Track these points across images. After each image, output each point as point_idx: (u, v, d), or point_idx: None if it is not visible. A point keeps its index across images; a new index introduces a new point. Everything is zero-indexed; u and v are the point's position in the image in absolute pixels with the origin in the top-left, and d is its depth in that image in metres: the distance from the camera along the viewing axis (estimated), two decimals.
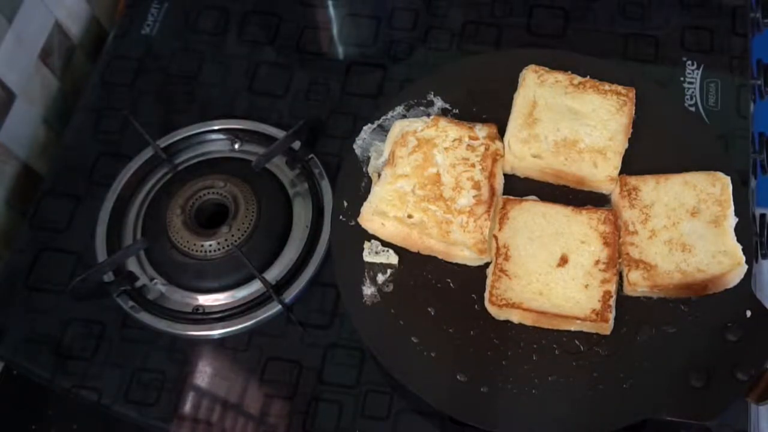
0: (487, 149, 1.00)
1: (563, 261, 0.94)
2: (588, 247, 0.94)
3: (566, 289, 0.92)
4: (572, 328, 0.91)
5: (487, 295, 0.93)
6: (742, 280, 0.91)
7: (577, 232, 0.95)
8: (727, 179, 0.96)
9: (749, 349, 0.87)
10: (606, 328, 0.90)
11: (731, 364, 0.86)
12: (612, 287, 0.92)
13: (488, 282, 0.94)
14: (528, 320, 0.92)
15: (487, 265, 0.96)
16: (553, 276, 0.93)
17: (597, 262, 0.93)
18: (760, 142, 1.11)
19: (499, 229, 0.96)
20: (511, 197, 0.99)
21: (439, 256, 0.96)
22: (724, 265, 0.91)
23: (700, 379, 0.86)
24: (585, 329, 0.91)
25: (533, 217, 0.97)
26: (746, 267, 0.91)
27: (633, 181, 0.98)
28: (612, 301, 0.91)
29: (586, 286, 0.92)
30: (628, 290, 0.93)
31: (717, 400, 0.85)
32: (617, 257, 0.94)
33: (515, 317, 0.92)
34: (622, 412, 0.86)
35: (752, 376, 0.85)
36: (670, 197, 0.96)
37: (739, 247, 0.92)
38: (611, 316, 0.90)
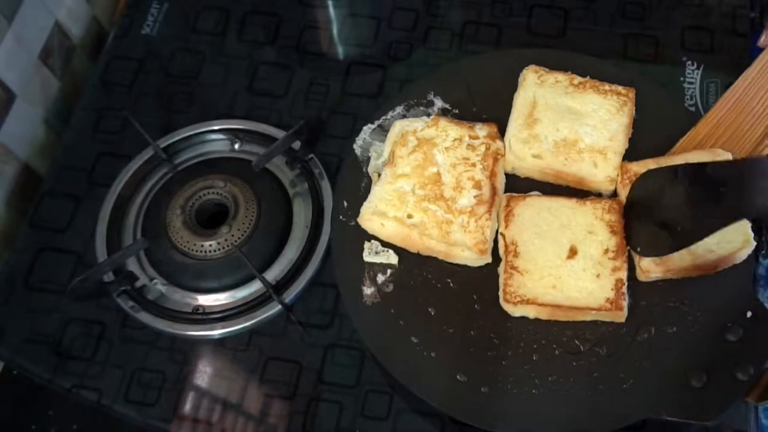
0: (487, 148, 1.00)
1: (572, 253, 0.94)
2: (596, 236, 0.95)
3: (578, 280, 0.92)
4: (588, 319, 0.92)
5: (501, 293, 0.93)
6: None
7: (583, 222, 0.96)
8: (729, 155, 0.95)
9: (749, 349, 0.87)
10: (621, 316, 0.91)
11: (731, 364, 0.86)
12: (623, 274, 0.92)
13: (501, 280, 0.94)
14: (543, 315, 0.92)
15: (487, 265, 0.96)
16: (564, 269, 0.93)
17: (606, 251, 0.93)
18: None
19: (506, 227, 0.96)
20: (514, 194, 0.99)
21: (440, 257, 0.96)
22: (734, 244, 0.91)
23: (700, 379, 0.86)
24: (600, 319, 0.91)
25: (538, 212, 0.97)
26: (755, 243, 0.91)
27: (634, 167, 0.97)
28: (625, 288, 0.91)
29: (598, 276, 0.92)
30: (641, 277, 0.93)
31: (717, 400, 0.85)
32: (625, 244, 0.94)
33: (531, 313, 0.92)
34: (622, 412, 0.86)
35: (752, 376, 0.85)
36: None
37: (747, 224, 0.91)
38: (625, 303, 0.91)
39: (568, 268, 0.93)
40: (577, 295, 0.92)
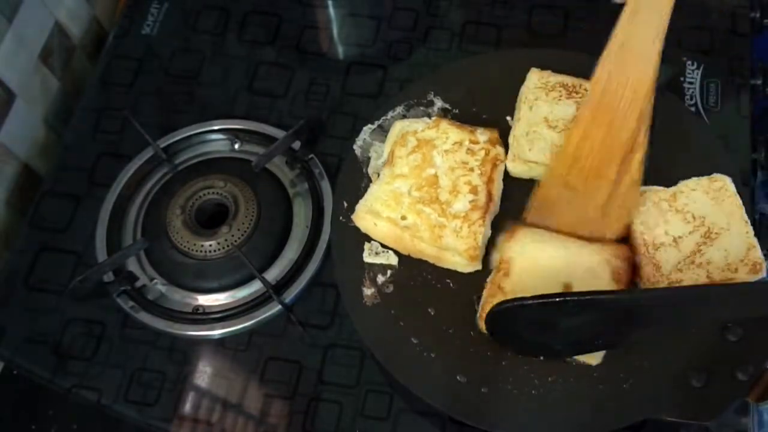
0: (487, 154, 1.00)
1: (565, 290, 0.90)
2: (598, 280, 0.90)
3: None
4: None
5: (479, 310, 0.91)
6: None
7: (587, 261, 0.91)
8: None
9: (749, 349, 0.87)
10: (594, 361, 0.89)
11: (731, 364, 0.86)
12: None
13: (483, 294, 0.92)
14: None
15: (479, 272, 0.95)
16: None
17: None
18: (761, 142, 1.11)
19: (507, 240, 0.94)
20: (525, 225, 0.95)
21: (430, 261, 0.96)
22: (745, 269, 0.90)
23: (700, 379, 0.86)
24: (575, 363, 0.89)
25: (543, 247, 0.92)
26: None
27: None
28: None
29: None
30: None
31: (717, 400, 0.85)
32: None
33: None
34: (622, 412, 0.86)
35: (752, 376, 0.85)
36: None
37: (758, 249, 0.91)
38: (601, 354, 0.89)
39: None
40: None
